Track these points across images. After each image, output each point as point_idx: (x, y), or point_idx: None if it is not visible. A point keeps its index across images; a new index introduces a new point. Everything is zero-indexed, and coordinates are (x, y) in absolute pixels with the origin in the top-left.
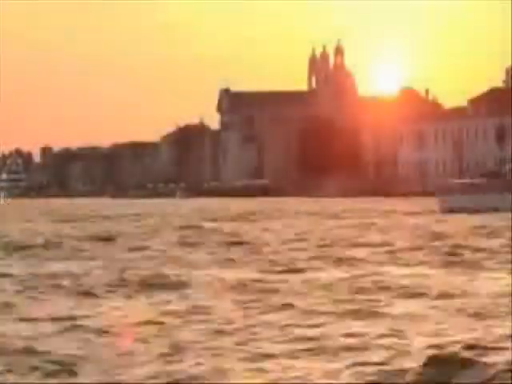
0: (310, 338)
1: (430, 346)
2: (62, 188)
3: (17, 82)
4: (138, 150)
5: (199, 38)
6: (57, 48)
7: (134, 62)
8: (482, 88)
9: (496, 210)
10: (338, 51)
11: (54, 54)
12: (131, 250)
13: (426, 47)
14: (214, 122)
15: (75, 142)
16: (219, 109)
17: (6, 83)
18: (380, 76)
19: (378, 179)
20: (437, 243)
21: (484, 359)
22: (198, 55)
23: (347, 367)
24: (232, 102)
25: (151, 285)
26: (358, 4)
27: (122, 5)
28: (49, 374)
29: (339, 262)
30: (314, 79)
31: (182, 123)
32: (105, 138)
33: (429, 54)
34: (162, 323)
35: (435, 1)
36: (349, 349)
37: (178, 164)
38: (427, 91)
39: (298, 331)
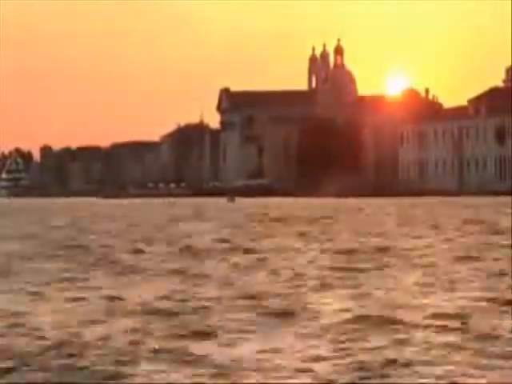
0: None
1: None
2: (62, 187)
3: (17, 81)
4: (138, 149)
5: (199, 38)
6: (57, 48)
7: (133, 62)
8: (482, 88)
9: None
10: (338, 51)
11: (54, 53)
12: None
13: (426, 47)
14: (214, 121)
15: (75, 141)
16: (219, 108)
17: (5, 83)
18: (380, 76)
19: (377, 179)
20: None
21: None
22: (197, 55)
23: None
24: (232, 101)
25: None
26: (358, 4)
27: (121, 5)
28: None
29: None
30: (314, 79)
31: (182, 122)
32: (105, 137)
33: (429, 53)
34: None
35: (435, 1)
36: None
37: (178, 163)
38: (427, 91)
39: None
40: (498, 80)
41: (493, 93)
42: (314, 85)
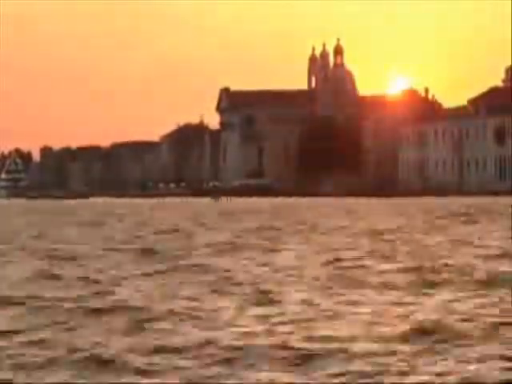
0: None
1: None
2: (62, 188)
3: (17, 81)
4: (138, 149)
5: (199, 38)
6: (57, 48)
7: (133, 62)
8: (481, 88)
9: None
10: (338, 50)
11: (54, 53)
12: None
13: (426, 47)
14: (214, 121)
15: (75, 141)
16: (219, 108)
17: (5, 83)
18: (380, 76)
19: (377, 179)
20: None
21: None
22: (197, 55)
23: None
24: (232, 101)
25: None
26: (358, 4)
27: (122, 5)
28: None
29: None
30: (313, 79)
31: (182, 122)
32: (105, 137)
33: (429, 53)
34: None
35: (436, 1)
36: None
37: (178, 163)
38: (427, 91)
39: None
40: (497, 80)
41: (492, 93)
42: (313, 85)
